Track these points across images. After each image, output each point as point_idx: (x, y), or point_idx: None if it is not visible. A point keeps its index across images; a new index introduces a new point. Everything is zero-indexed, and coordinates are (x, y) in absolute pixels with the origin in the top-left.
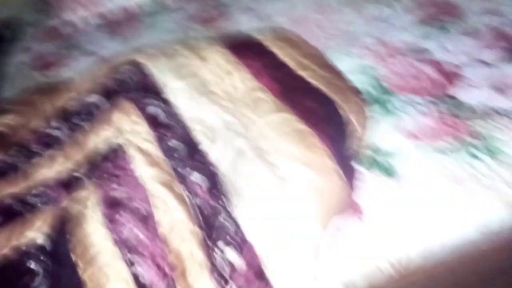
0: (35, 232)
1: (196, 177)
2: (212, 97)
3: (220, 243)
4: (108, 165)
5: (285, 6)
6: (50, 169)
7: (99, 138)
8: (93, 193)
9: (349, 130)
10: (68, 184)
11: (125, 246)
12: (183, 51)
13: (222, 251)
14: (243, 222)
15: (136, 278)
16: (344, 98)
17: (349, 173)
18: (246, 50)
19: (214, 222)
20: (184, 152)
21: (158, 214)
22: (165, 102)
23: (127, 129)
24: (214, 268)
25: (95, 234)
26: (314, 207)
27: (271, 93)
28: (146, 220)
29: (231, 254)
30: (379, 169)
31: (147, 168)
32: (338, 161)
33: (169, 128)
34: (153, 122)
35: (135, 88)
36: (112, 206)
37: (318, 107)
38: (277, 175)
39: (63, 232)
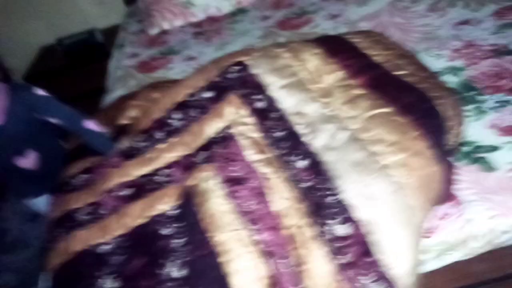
0: (165, 205)
1: (301, 164)
2: (311, 95)
3: (330, 221)
4: (223, 151)
5: (369, 12)
6: (171, 153)
7: (212, 128)
8: (214, 174)
9: (446, 126)
10: (188, 166)
11: (247, 217)
12: (283, 53)
13: (332, 228)
14: (349, 203)
15: (259, 244)
16: (440, 97)
17: (447, 166)
18: (341, 51)
19: (322, 203)
20: (288, 142)
21: (269, 194)
22: (270, 98)
23: (237, 121)
24: (325, 243)
25: (220, 207)
26: (415, 192)
27: (368, 91)
28: (260, 197)
29: (341, 230)
30: (476, 163)
31: (256, 155)
32: (436, 153)
33: (274, 121)
34: (260, 115)
35: (242, 86)
36: (232, 184)
37: (417, 103)
38: (379, 163)
39: (190, 205)
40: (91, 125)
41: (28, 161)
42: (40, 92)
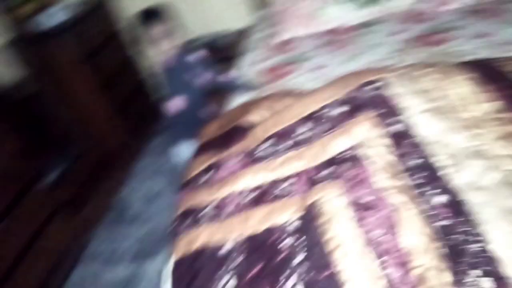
0: (284, 216)
1: (439, 199)
2: (461, 123)
3: (474, 272)
4: (350, 171)
5: None
6: (296, 163)
7: (339, 145)
8: (340, 193)
9: None
10: (310, 180)
11: (373, 248)
12: (428, 75)
13: (476, 280)
14: (496, 255)
15: (383, 279)
16: None
17: None
18: (500, 79)
19: (464, 249)
20: (425, 173)
21: (399, 226)
22: (407, 122)
23: (369, 142)
24: None
25: (346, 232)
26: None
27: None
28: (389, 229)
29: (483, 284)
30: None
31: (389, 180)
32: None
33: (409, 148)
34: (397, 139)
35: (378, 105)
36: (360, 209)
37: None
38: None
39: (314, 224)
40: (222, 78)
41: (176, 103)
42: (192, 58)
